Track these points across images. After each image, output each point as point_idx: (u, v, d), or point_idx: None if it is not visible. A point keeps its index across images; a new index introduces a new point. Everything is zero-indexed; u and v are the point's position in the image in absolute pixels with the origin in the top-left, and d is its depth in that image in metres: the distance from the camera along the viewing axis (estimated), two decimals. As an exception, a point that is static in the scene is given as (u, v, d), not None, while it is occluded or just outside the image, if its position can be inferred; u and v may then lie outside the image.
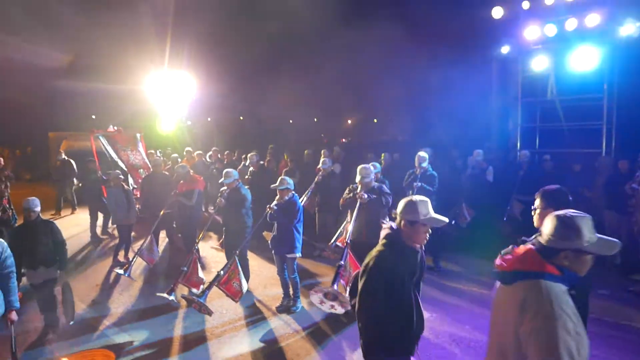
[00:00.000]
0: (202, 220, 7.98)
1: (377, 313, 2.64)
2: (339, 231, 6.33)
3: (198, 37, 16.09)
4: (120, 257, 7.96)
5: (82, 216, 11.71)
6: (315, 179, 7.80)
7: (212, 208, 6.94)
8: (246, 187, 7.54)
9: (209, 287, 5.35)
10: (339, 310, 4.35)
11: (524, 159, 8.62)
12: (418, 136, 16.59)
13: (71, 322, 5.38)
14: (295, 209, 5.65)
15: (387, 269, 2.65)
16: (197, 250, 6.11)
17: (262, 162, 9.48)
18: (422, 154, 7.30)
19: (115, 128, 11.08)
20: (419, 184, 7.01)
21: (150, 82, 13.80)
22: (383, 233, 2.85)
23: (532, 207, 3.06)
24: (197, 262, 5.98)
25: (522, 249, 2.18)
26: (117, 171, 8.28)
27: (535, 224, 3.03)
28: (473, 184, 8.25)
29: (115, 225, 8.67)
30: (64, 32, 16.40)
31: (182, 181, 7.60)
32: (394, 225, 2.83)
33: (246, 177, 8.93)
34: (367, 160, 8.01)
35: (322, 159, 8.19)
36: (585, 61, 8.78)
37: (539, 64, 9.68)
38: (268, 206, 5.65)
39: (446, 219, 2.75)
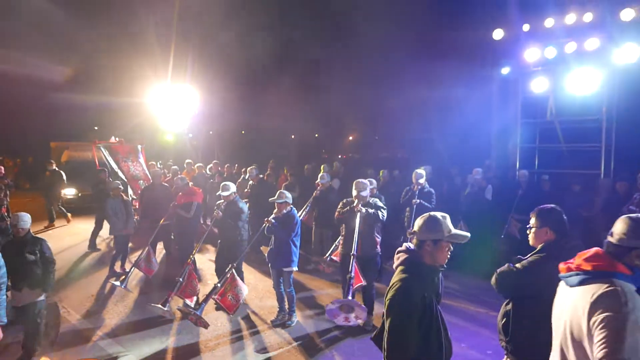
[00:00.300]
0: (200, 232, 7.99)
1: (412, 349, 2.40)
2: (334, 245, 6.32)
3: (201, 52, 16.30)
4: (117, 267, 7.92)
5: (80, 226, 11.70)
6: (314, 194, 7.82)
7: (210, 220, 6.95)
8: (245, 200, 7.58)
9: (206, 300, 5.32)
10: (353, 322, 4.30)
11: (522, 179, 8.63)
12: (418, 153, 16.65)
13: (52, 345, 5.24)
14: (293, 222, 5.66)
15: (415, 298, 2.41)
16: (194, 262, 6.09)
17: (261, 176, 9.52)
18: (420, 170, 7.33)
19: (117, 139, 11.22)
20: (418, 200, 7.03)
21: (153, 95, 13.96)
22: (400, 257, 2.60)
23: (528, 226, 3.06)
24: (194, 273, 5.95)
25: (588, 250, 2.16)
26: (117, 182, 8.31)
27: (531, 242, 3.03)
28: (472, 202, 8.25)
29: (110, 236, 8.66)
30: (68, 45, 16.64)
31: (180, 193, 7.61)
32: (410, 245, 2.60)
33: (245, 190, 8.95)
34: (366, 176, 8.05)
35: (320, 174, 8.23)
36: (585, 84, 8.85)
37: (539, 85, 9.76)
38: (266, 219, 5.65)
39: (468, 234, 2.56)
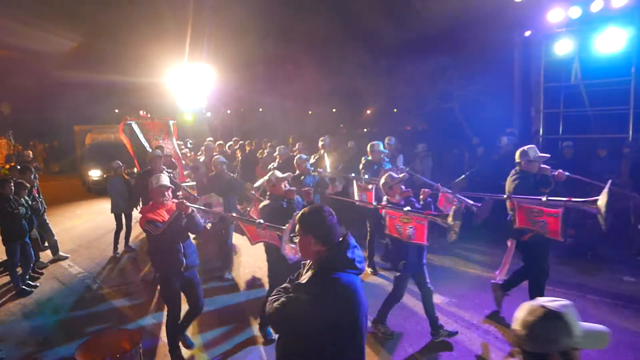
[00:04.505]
0: None
1: None
2: None
3: (217, 31, 16.19)
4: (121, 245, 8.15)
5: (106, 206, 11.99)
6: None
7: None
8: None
9: None
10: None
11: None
12: (438, 124, 16.39)
13: None
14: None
15: None
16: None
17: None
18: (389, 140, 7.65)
19: (146, 113, 10.85)
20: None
21: (171, 75, 14.02)
22: None
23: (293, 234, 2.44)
24: None
25: None
26: (118, 162, 8.30)
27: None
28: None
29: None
30: (88, 27, 16.76)
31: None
32: None
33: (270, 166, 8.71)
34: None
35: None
36: (612, 43, 8.51)
37: (563, 47, 9.41)
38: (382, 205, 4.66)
39: None
